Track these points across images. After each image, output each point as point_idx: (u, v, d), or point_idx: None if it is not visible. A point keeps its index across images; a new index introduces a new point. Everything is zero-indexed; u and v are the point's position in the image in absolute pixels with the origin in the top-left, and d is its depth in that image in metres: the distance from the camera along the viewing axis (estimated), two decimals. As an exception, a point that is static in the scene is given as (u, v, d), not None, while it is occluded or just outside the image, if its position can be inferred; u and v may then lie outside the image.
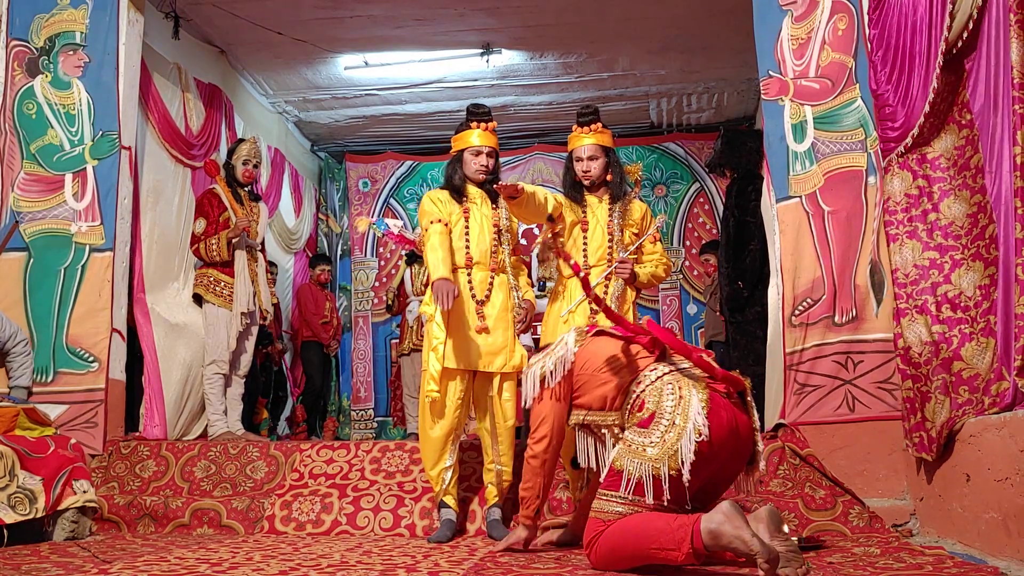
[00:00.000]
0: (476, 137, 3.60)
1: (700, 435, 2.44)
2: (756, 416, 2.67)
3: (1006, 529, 2.48)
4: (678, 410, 2.50)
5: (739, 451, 2.60)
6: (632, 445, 2.54)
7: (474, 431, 3.89)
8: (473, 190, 3.63)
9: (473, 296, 3.53)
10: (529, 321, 3.62)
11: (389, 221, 6.55)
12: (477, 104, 3.71)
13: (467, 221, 3.57)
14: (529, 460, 2.90)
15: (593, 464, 2.82)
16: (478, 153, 3.60)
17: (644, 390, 2.62)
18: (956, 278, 3.00)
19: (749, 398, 2.66)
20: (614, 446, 2.68)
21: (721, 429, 2.49)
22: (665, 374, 2.63)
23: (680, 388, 2.55)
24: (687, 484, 2.44)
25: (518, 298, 3.61)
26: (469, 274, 3.55)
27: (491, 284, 3.56)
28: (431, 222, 3.53)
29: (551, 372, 2.83)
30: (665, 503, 2.46)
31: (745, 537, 2.21)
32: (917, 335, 3.10)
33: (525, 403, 2.94)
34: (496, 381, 3.54)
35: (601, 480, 2.64)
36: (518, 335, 3.60)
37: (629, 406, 2.66)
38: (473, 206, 3.60)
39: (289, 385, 7.17)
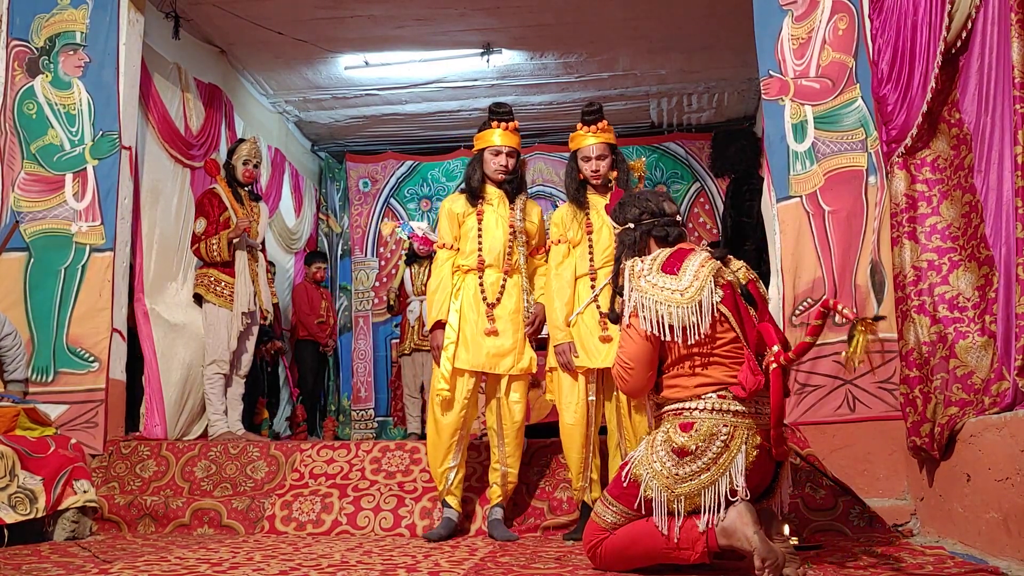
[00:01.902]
0: (496, 136, 3.60)
1: (735, 496, 2.34)
2: (787, 479, 2.59)
3: (1007, 529, 2.48)
4: (719, 459, 2.37)
5: (756, 492, 2.53)
6: (657, 464, 2.43)
7: (477, 431, 3.89)
8: (491, 190, 3.63)
9: (484, 299, 3.54)
10: (538, 324, 3.61)
11: (414, 224, 6.63)
12: (499, 103, 3.69)
13: (480, 223, 3.58)
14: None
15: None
16: (497, 153, 3.59)
17: (702, 411, 2.42)
18: (954, 279, 3.00)
19: (786, 465, 2.58)
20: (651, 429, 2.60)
21: (750, 486, 2.42)
22: (729, 412, 2.41)
23: (732, 439, 2.38)
24: (705, 527, 2.37)
25: (528, 301, 3.60)
26: (481, 276, 3.56)
27: (503, 286, 3.57)
28: (439, 246, 3.67)
29: (667, 326, 2.42)
30: (676, 539, 2.39)
31: (748, 534, 2.23)
32: (917, 335, 3.10)
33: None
34: (504, 382, 3.54)
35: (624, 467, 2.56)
36: (528, 337, 3.60)
37: (676, 407, 2.49)
38: (489, 207, 3.60)
39: (289, 385, 7.16)
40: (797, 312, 3.72)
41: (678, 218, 2.75)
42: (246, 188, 5.03)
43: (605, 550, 2.52)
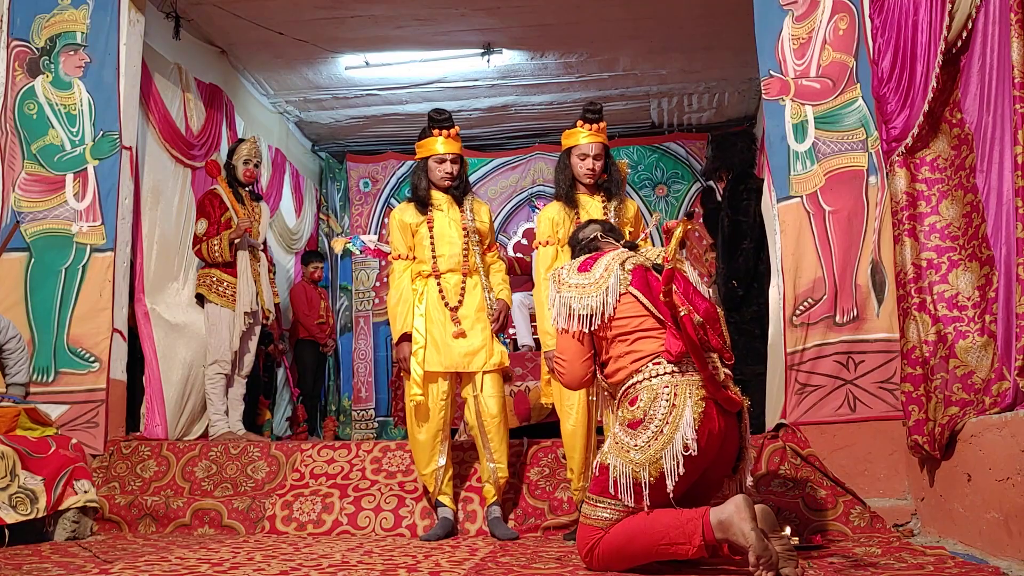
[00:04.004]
0: (439, 144, 3.62)
1: (688, 450, 2.42)
2: (748, 433, 2.67)
3: (1007, 529, 2.48)
4: (668, 418, 2.47)
5: (724, 458, 2.61)
6: (620, 444, 2.53)
7: (462, 433, 3.91)
8: (439, 196, 3.66)
9: (446, 304, 3.56)
10: (502, 321, 3.64)
11: (364, 237, 6.56)
12: (438, 110, 3.70)
13: (432, 230, 3.60)
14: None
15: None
16: (442, 161, 3.62)
17: (642, 383, 2.58)
18: (953, 278, 3.01)
19: (745, 417, 2.65)
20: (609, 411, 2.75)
21: (710, 440, 2.49)
22: (666, 374, 2.56)
23: (675, 396, 2.50)
24: (671, 492, 2.44)
25: (489, 299, 3.61)
26: (439, 282, 3.58)
27: (463, 288, 3.59)
28: (394, 258, 3.70)
29: (577, 317, 2.67)
30: (646, 508, 2.46)
31: (745, 529, 2.23)
32: (919, 333, 3.10)
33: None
34: (478, 379, 3.56)
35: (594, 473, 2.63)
36: (495, 334, 3.61)
37: (624, 389, 2.63)
38: (439, 213, 3.63)
39: (289, 385, 7.16)
40: (798, 312, 3.71)
41: (596, 234, 3.02)
42: (247, 188, 5.03)
43: (602, 549, 2.52)
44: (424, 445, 3.54)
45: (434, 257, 3.59)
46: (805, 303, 3.72)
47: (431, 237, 3.60)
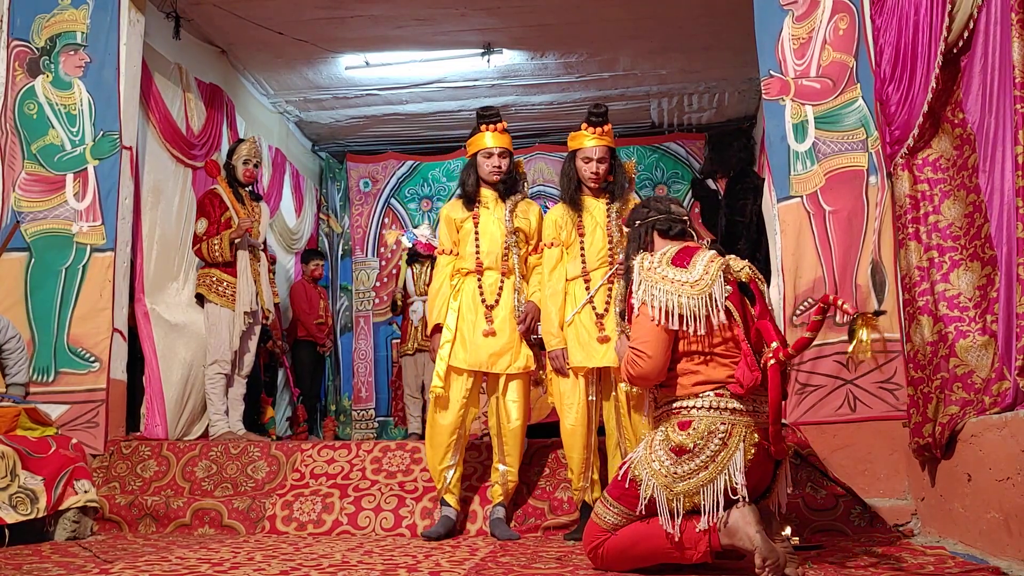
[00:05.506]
0: (486, 139, 3.64)
1: (736, 495, 2.33)
2: (788, 478, 2.57)
3: (1007, 529, 2.48)
4: (716, 457, 2.37)
5: (756, 492, 2.53)
6: (656, 463, 2.44)
7: (479, 431, 3.91)
8: (487, 193, 3.67)
9: (483, 301, 3.57)
10: (530, 322, 3.63)
11: (417, 232, 6.66)
12: (486, 107, 3.74)
13: (477, 227, 3.61)
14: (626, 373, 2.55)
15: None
16: (489, 155, 3.63)
17: (699, 409, 2.43)
18: (955, 278, 3.00)
19: (785, 463, 2.55)
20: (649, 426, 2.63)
21: (748, 483, 2.41)
22: (726, 410, 2.41)
23: (729, 436, 2.38)
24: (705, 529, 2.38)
25: (518, 300, 3.61)
26: (479, 279, 3.59)
27: (501, 287, 3.60)
28: (440, 252, 3.73)
29: (669, 313, 2.42)
30: (677, 536, 2.39)
31: (751, 533, 2.24)
32: (922, 336, 3.10)
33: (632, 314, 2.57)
34: (502, 382, 3.56)
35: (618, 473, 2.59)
36: (522, 336, 3.61)
37: (674, 405, 2.49)
38: (485, 211, 3.65)
39: (289, 385, 7.16)
40: (798, 312, 3.71)
41: (685, 218, 2.79)
42: (247, 188, 5.04)
43: (607, 551, 2.52)
44: (439, 441, 3.54)
45: (477, 253, 3.60)
46: (805, 303, 3.68)
47: (476, 233, 3.62)
